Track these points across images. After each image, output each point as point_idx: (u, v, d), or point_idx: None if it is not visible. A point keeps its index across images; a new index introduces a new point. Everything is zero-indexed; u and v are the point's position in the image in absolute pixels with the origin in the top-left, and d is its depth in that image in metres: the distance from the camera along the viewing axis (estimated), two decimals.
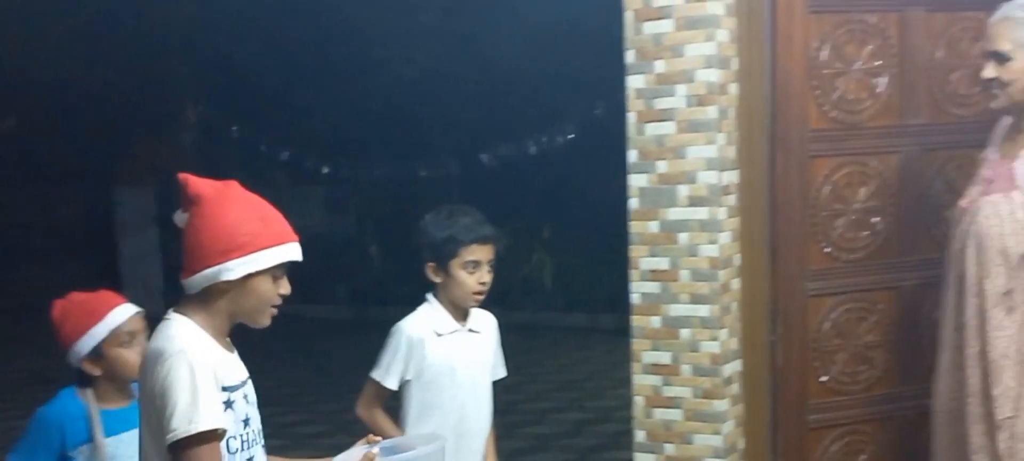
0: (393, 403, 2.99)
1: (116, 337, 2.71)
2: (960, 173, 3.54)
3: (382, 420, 2.97)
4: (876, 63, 3.50)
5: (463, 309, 2.98)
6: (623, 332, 4.05)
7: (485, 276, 2.93)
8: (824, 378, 3.64)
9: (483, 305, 3.03)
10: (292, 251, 2.13)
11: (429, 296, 2.99)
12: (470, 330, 3.01)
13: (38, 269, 10.32)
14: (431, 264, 2.94)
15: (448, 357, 2.96)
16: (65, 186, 10.58)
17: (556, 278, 9.48)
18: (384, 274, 9.34)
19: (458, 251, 2.89)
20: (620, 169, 3.62)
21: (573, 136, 8.83)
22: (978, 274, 3.05)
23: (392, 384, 2.95)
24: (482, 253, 2.91)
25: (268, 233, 2.10)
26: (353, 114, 9.63)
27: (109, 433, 2.72)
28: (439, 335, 2.96)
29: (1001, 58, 2.93)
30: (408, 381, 2.97)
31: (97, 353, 2.71)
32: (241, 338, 2.19)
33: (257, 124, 10.17)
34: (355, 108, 9.56)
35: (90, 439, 2.70)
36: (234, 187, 2.15)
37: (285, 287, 2.15)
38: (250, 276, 2.06)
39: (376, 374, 2.96)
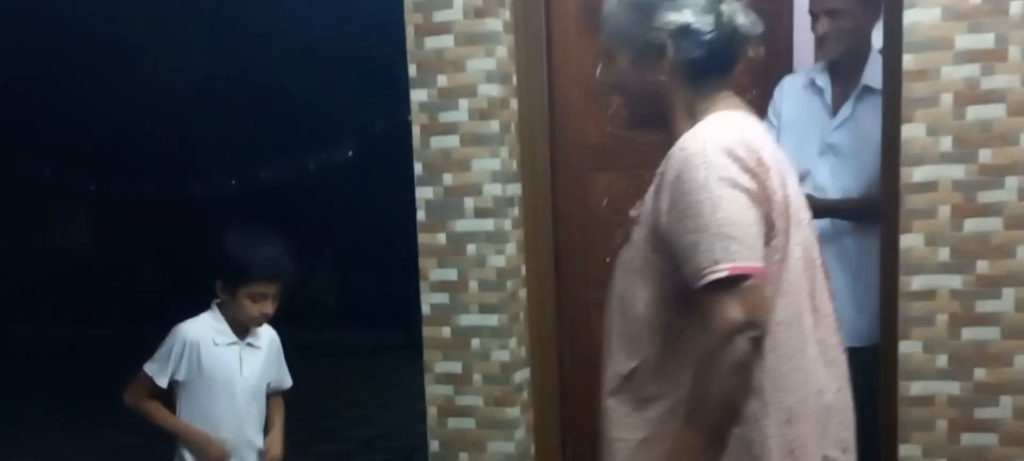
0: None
1: None
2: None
3: (155, 409, 3.01)
4: (607, 80, 3.62)
5: (244, 326, 3.04)
6: (409, 347, 4.08)
7: (269, 308, 3.00)
8: None
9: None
10: None
11: (214, 305, 3.03)
12: (249, 344, 3.07)
13: None
14: (219, 281, 2.97)
15: (226, 367, 3.03)
16: None
17: (340, 295, 9.40)
18: (158, 294, 8.98)
19: (246, 283, 2.93)
20: (402, 185, 3.65)
21: (353, 152, 8.78)
22: None
23: (162, 381, 2.99)
24: (271, 288, 2.97)
25: None
26: (123, 129, 9.23)
27: None
28: (216, 344, 3.02)
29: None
30: (179, 383, 3.01)
31: None
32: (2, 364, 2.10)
33: (17, 138, 9.57)
34: (125, 122, 9.17)
35: None
36: None
37: None
38: None
39: (148, 368, 3.00)
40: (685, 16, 1.86)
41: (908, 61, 2.92)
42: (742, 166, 1.76)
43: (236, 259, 2.95)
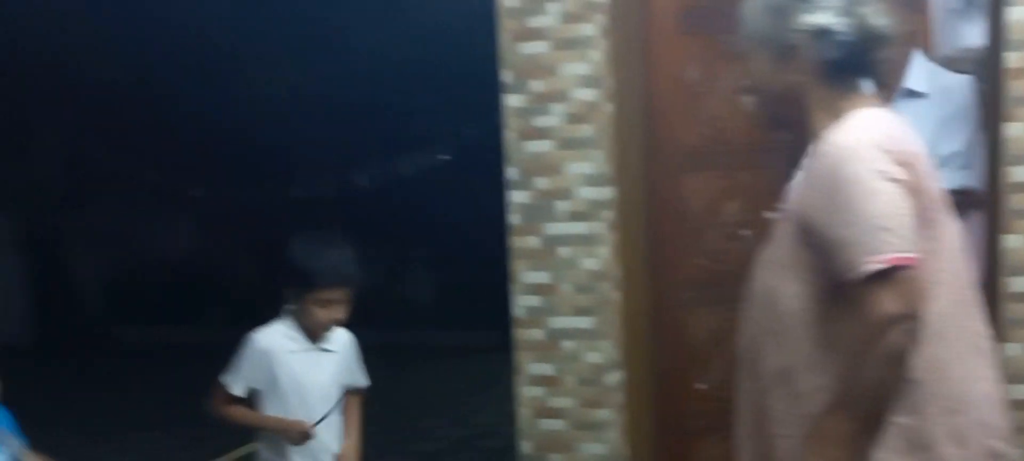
0: None
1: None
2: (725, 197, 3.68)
3: (236, 412, 3.10)
4: (744, 82, 3.63)
5: (319, 333, 3.09)
6: (500, 349, 4.12)
7: (338, 313, 3.03)
8: (702, 386, 3.76)
9: (350, 324, 3.14)
10: None
11: (286, 311, 3.09)
12: (322, 348, 3.12)
13: None
14: (288, 288, 3.04)
15: (299, 374, 3.07)
16: None
17: (433, 297, 9.51)
18: (257, 296, 9.19)
19: (313, 290, 2.98)
20: (496, 188, 3.70)
21: (448, 156, 8.89)
22: None
23: (238, 390, 3.07)
24: (338, 294, 3.01)
25: None
26: (223, 135, 9.49)
27: None
28: (290, 351, 3.07)
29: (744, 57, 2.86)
30: (259, 392, 3.08)
31: None
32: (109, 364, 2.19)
33: (124, 145, 9.91)
34: (225, 129, 9.42)
35: None
36: None
37: None
38: None
39: (224, 378, 3.08)
40: (822, 18, 1.92)
41: (1010, 59, 2.87)
42: (893, 159, 1.82)
43: (302, 266, 2.98)
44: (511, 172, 3.59)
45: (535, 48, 3.44)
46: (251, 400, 3.10)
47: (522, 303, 3.67)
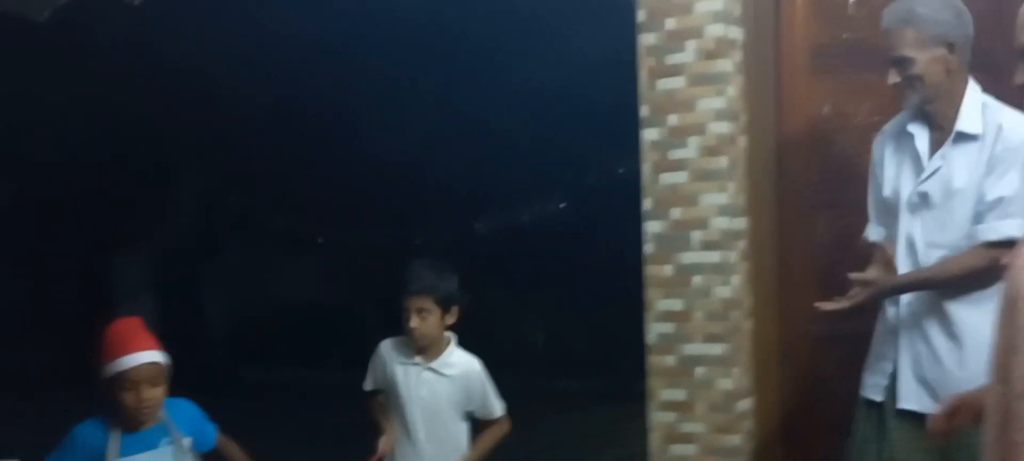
0: None
1: (122, 379, 2.88)
2: None
3: (374, 404, 3.53)
4: (875, 119, 3.73)
5: (421, 346, 3.41)
6: (614, 397, 4.22)
7: (413, 322, 3.34)
8: (830, 418, 3.82)
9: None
10: None
11: None
12: (432, 368, 3.42)
13: (35, 341, 10.48)
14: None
15: (403, 384, 3.42)
16: (62, 257, 10.70)
17: (547, 343, 9.66)
18: (377, 339, 9.45)
19: (402, 297, 3.36)
20: (610, 236, 3.85)
21: (564, 205, 9.09)
22: None
23: (367, 386, 3.52)
24: (412, 302, 3.34)
25: None
26: (348, 183, 9.87)
27: (125, 453, 2.93)
28: (401, 362, 3.43)
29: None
30: (385, 393, 3.49)
31: (119, 382, 2.89)
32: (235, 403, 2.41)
33: (255, 193, 10.38)
34: (350, 177, 9.80)
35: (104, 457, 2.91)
36: None
37: None
38: None
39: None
40: None
41: None
42: None
43: (399, 280, 3.38)
44: (646, 203, 3.74)
45: (672, 84, 3.61)
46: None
47: (655, 330, 3.80)
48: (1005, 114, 2.90)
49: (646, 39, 3.63)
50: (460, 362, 3.46)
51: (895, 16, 2.97)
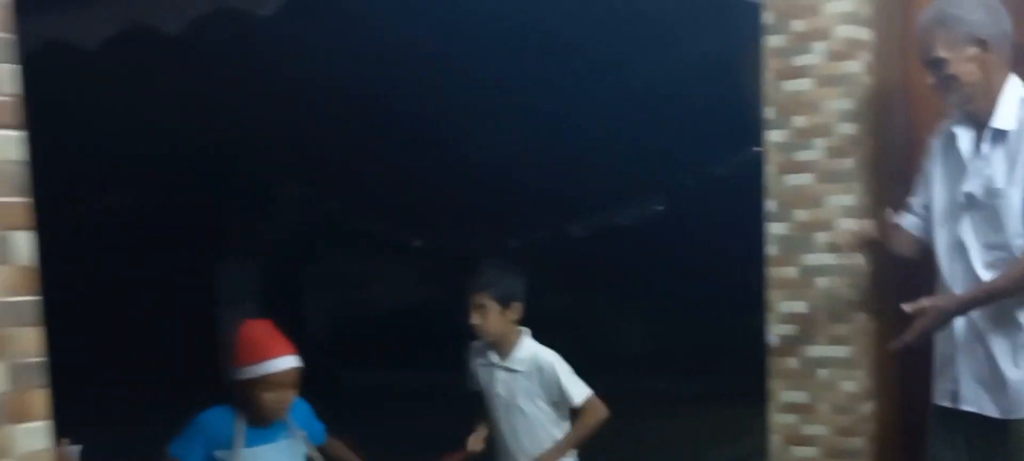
0: None
1: (276, 379, 3.11)
2: None
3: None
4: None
5: (488, 342, 3.66)
6: (721, 398, 4.23)
7: (474, 318, 3.60)
8: None
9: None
10: None
11: None
12: (503, 365, 3.65)
13: (141, 342, 10.83)
14: None
15: (485, 383, 3.72)
16: (167, 262, 11.01)
17: (644, 344, 9.66)
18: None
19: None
20: (710, 239, 3.87)
21: (662, 207, 9.06)
22: None
23: (472, 386, 3.80)
24: (473, 299, 3.61)
25: None
26: (445, 187, 9.99)
27: (250, 444, 3.14)
28: (481, 364, 3.72)
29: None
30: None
31: (260, 383, 3.11)
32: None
33: (354, 199, 10.56)
34: (447, 181, 9.92)
35: (231, 447, 3.14)
36: None
37: None
38: None
39: None
40: None
41: None
42: None
43: None
44: (770, 204, 3.75)
45: (799, 85, 3.62)
46: None
47: (777, 331, 3.80)
48: None
49: (772, 41, 3.64)
50: (529, 356, 3.63)
51: (927, 18, 2.98)
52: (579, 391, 3.64)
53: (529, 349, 3.65)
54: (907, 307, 3.00)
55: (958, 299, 2.98)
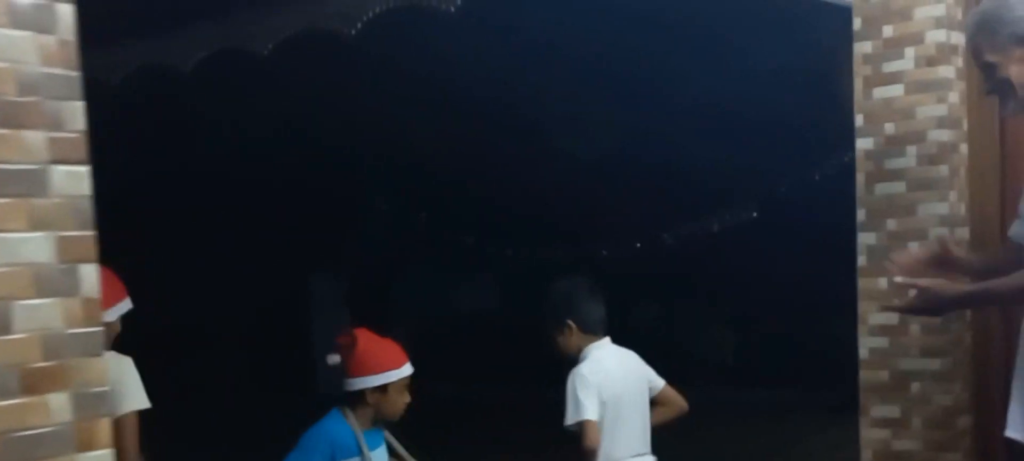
0: None
1: (398, 384, 3.30)
2: None
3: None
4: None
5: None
6: (802, 408, 4.18)
7: (556, 341, 3.75)
8: None
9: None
10: None
11: None
12: None
13: (236, 352, 11.11)
14: None
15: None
16: (265, 273, 11.26)
17: (737, 355, 9.55)
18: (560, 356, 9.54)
19: None
20: (800, 249, 3.80)
21: (755, 214, 8.96)
22: None
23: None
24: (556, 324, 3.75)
25: None
26: (532, 200, 10.01)
27: (371, 448, 3.28)
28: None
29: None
30: None
31: (382, 389, 3.26)
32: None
33: (441, 210, 10.67)
34: (534, 194, 9.95)
35: (359, 454, 3.25)
36: None
37: None
38: None
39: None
40: None
41: None
42: None
43: None
44: (860, 214, 3.68)
45: (890, 92, 3.54)
46: None
47: (868, 344, 3.72)
48: None
49: (862, 47, 3.57)
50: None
51: (969, 23, 2.89)
52: (570, 412, 3.62)
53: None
54: (899, 279, 2.88)
55: (956, 291, 2.88)
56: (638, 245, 9.52)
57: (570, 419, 3.54)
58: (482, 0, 4.61)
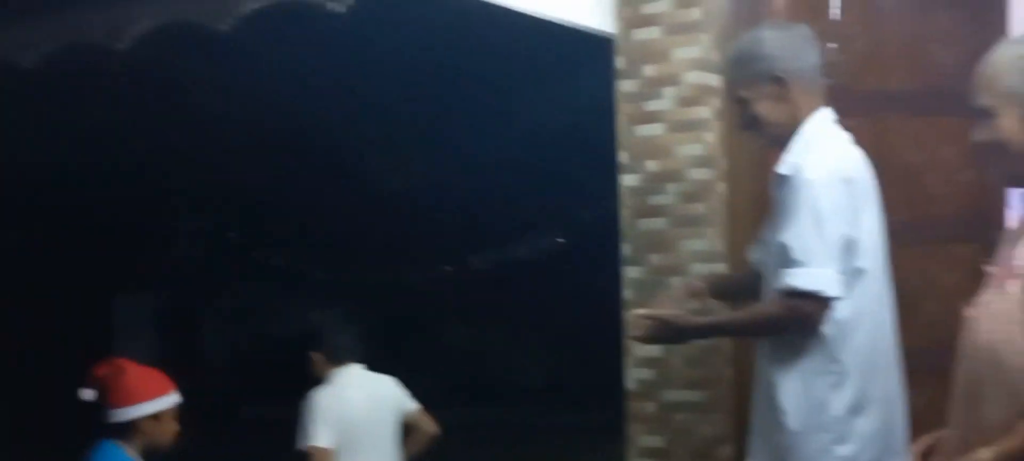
0: None
1: (170, 411, 3.27)
2: (938, 269, 3.76)
3: None
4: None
5: None
6: (609, 428, 4.25)
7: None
8: None
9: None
10: None
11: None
12: None
13: (38, 376, 10.52)
14: None
15: None
16: (63, 297, 10.73)
17: (547, 377, 9.64)
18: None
19: None
20: (608, 269, 3.85)
21: (563, 240, 9.08)
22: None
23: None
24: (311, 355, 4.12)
25: None
26: (347, 221, 9.89)
27: None
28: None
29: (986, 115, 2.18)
30: None
31: (155, 417, 3.24)
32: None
33: (256, 231, 10.42)
34: (349, 216, 9.83)
35: None
36: None
37: None
38: None
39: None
40: None
41: None
42: None
43: None
44: (625, 249, 3.74)
45: (651, 130, 3.61)
46: None
47: (635, 376, 3.78)
48: (816, 152, 2.75)
49: (624, 85, 3.63)
50: None
51: (726, 60, 3.01)
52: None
53: None
54: (640, 313, 2.90)
55: (692, 322, 2.88)
56: (448, 269, 9.51)
57: (300, 443, 3.75)
58: (264, 26, 4.47)
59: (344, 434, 3.77)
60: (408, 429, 3.98)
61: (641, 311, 2.92)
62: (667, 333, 2.86)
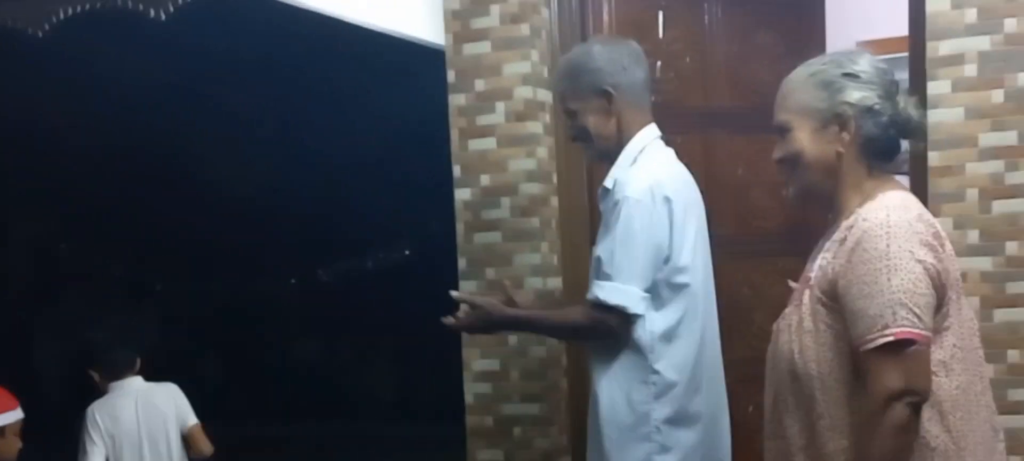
0: None
1: (14, 426, 3.32)
2: (766, 281, 3.87)
3: None
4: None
5: None
6: (454, 441, 4.24)
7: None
8: None
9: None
10: None
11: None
12: None
13: None
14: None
15: None
16: None
17: (396, 389, 9.57)
18: (218, 387, 9.23)
19: None
20: (450, 282, 3.82)
21: (408, 252, 9.04)
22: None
23: None
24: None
25: None
26: (187, 232, 9.60)
27: None
28: None
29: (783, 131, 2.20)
30: None
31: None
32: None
33: (92, 241, 10.00)
34: (189, 226, 9.55)
35: None
36: None
37: None
38: None
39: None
40: (870, 97, 2.06)
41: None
42: (921, 240, 1.94)
43: None
44: (462, 262, 3.72)
45: (484, 144, 3.60)
46: None
47: (473, 390, 3.77)
48: (638, 169, 2.78)
49: (457, 99, 3.61)
50: None
51: (557, 72, 3.04)
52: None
53: None
54: (455, 294, 2.92)
55: (506, 312, 2.88)
56: (293, 281, 9.34)
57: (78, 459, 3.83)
58: (88, 32, 4.29)
59: (117, 447, 3.84)
60: (187, 444, 4.00)
61: (456, 293, 2.90)
62: (480, 320, 2.86)
